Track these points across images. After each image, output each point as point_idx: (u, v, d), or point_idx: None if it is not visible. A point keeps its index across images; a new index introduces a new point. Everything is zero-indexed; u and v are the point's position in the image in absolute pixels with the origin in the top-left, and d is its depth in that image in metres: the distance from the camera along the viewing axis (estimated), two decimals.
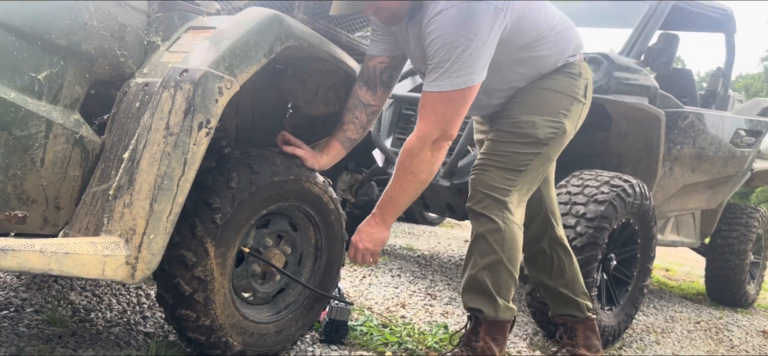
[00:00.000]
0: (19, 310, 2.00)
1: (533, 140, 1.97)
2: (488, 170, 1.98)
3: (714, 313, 4.28)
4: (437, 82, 1.74)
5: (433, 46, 1.73)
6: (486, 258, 1.97)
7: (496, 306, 1.99)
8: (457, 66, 1.70)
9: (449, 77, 1.72)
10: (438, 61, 1.72)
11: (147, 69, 1.66)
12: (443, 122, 1.77)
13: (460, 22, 1.68)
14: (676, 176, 3.71)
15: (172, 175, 1.51)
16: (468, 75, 1.72)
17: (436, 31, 1.71)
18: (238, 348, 1.82)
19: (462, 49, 1.69)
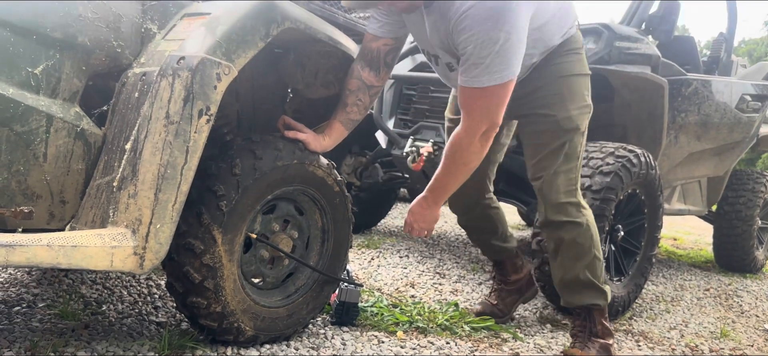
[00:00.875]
0: (31, 305, 2.02)
1: (575, 129, 2.05)
2: (554, 171, 2.05)
3: (723, 280, 4.27)
4: (478, 78, 1.74)
5: (469, 44, 1.71)
6: (583, 259, 2.10)
7: (605, 294, 2.15)
8: (498, 61, 1.70)
9: (490, 73, 1.72)
10: (476, 58, 1.71)
11: (144, 59, 1.66)
12: (489, 115, 1.81)
13: (496, 18, 1.66)
14: (681, 144, 3.69)
15: (175, 164, 1.51)
16: (508, 68, 1.73)
17: (470, 28, 1.69)
18: (251, 332, 1.83)
19: (501, 44, 1.68)
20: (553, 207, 2.08)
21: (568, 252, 2.10)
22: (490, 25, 1.66)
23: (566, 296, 2.19)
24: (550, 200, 2.08)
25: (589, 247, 2.09)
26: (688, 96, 3.57)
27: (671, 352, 2.51)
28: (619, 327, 2.75)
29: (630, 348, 2.49)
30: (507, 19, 1.67)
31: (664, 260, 4.82)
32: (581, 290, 2.14)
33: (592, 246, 2.09)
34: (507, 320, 2.57)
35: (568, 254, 2.11)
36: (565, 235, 2.09)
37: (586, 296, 2.14)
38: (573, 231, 2.08)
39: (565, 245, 2.10)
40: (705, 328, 2.97)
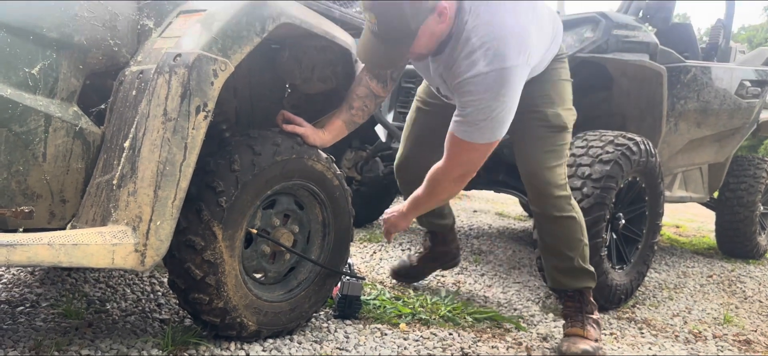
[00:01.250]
0: (34, 305, 2.03)
1: (563, 127, 2.16)
2: (548, 167, 2.14)
3: (726, 266, 4.27)
4: (471, 135, 1.87)
5: (470, 105, 1.83)
6: (576, 248, 2.23)
7: (594, 275, 2.30)
8: (490, 125, 1.84)
9: (480, 132, 1.86)
10: (472, 117, 1.84)
11: (141, 57, 1.66)
12: (468, 165, 1.97)
13: (497, 90, 1.78)
14: (681, 131, 3.68)
15: (174, 160, 1.52)
16: (498, 131, 1.87)
17: (472, 94, 1.81)
18: (254, 327, 1.84)
19: (498, 113, 1.82)
20: (549, 202, 2.18)
21: (564, 244, 2.23)
22: (491, 96, 1.79)
23: (562, 281, 2.30)
24: (546, 196, 2.17)
25: (581, 237, 2.23)
26: (687, 83, 3.57)
27: (674, 339, 2.52)
28: (622, 315, 2.76)
29: (633, 335, 2.50)
30: (507, 91, 1.80)
31: (666, 247, 4.82)
32: (575, 275, 2.27)
33: (582, 235, 2.23)
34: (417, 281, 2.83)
35: (563, 246, 2.23)
36: (560, 228, 2.21)
37: (580, 280, 2.28)
38: (567, 224, 2.20)
39: (560, 238, 2.23)
40: (708, 314, 2.97)
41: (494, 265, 3.45)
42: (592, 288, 2.30)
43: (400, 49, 1.80)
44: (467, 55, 1.79)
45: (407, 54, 1.83)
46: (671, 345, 2.41)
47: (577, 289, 2.29)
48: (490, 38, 1.76)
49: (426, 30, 1.77)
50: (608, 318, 2.68)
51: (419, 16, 1.73)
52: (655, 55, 3.33)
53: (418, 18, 1.73)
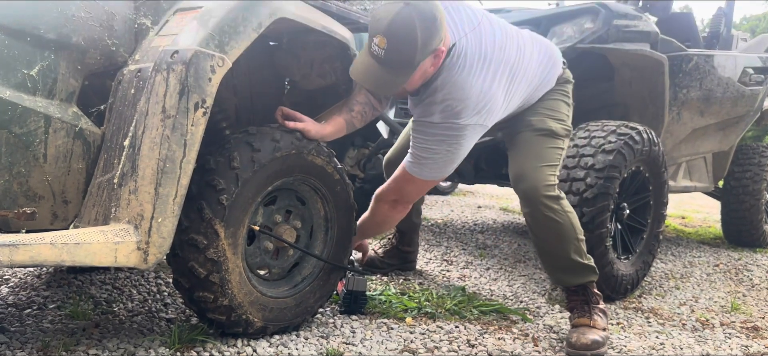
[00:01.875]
0: (41, 307, 2.04)
1: (548, 131, 2.22)
2: (537, 171, 2.17)
3: (732, 255, 4.25)
4: (413, 165, 2.07)
5: (420, 142, 2.01)
6: (569, 246, 2.22)
7: (594, 269, 2.29)
8: (433, 166, 2.04)
9: (420, 167, 2.06)
10: (416, 152, 2.03)
11: (139, 55, 1.67)
12: (405, 195, 2.21)
13: (444, 140, 1.97)
14: (684, 120, 3.66)
15: (174, 157, 1.52)
16: (439, 171, 2.07)
17: (425, 134, 1.99)
18: (259, 324, 1.84)
19: (441, 157, 2.01)
20: (536, 204, 2.18)
21: (557, 244, 2.22)
22: (438, 142, 1.97)
23: (561, 277, 2.30)
24: (532, 198, 2.18)
25: (573, 234, 2.21)
26: (689, 72, 3.55)
27: (682, 327, 2.50)
28: (629, 305, 2.74)
29: (640, 324, 2.48)
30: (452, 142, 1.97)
31: (672, 238, 4.80)
32: (575, 271, 2.26)
33: (574, 232, 2.21)
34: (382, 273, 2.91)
35: (555, 245, 2.23)
36: (551, 229, 2.19)
37: (580, 276, 2.27)
38: (557, 224, 2.18)
39: (552, 238, 2.22)
40: (715, 303, 2.95)
41: (499, 259, 3.45)
42: (594, 280, 2.29)
43: (398, 79, 1.84)
44: (429, 103, 1.95)
45: (404, 83, 1.87)
46: (678, 334, 2.40)
47: (579, 284, 2.28)
48: (451, 98, 1.91)
49: (422, 67, 1.85)
50: (615, 308, 2.67)
51: (425, 51, 1.80)
52: (656, 44, 3.31)
53: (424, 52, 1.80)
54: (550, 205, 2.16)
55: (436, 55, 1.85)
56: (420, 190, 2.15)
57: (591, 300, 2.27)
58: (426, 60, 1.83)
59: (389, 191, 2.20)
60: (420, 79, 1.91)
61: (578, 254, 2.23)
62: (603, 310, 2.26)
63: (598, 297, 2.30)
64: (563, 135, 2.25)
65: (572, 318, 2.26)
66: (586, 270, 2.26)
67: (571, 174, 2.64)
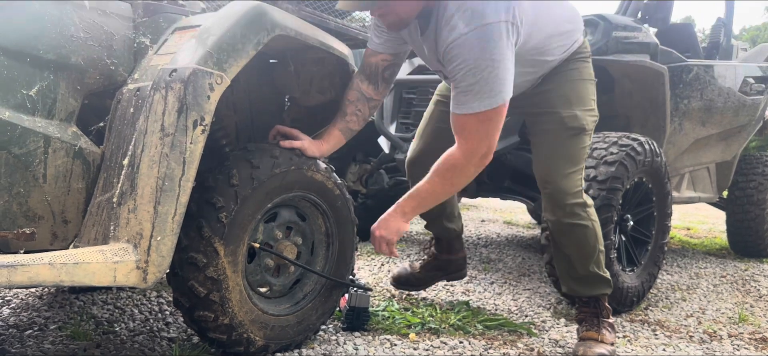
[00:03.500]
0: (43, 328, 2.03)
1: (581, 130, 2.07)
2: (565, 175, 2.07)
3: (739, 266, 4.21)
4: (471, 105, 1.78)
5: (459, 72, 1.77)
6: (591, 256, 2.16)
7: (610, 282, 2.24)
8: (488, 88, 1.75)
9: (481, 99, 1.77)
10: (467, 85, 1.77)
11: (137, 74, 1.67)
12: (486, 138, 1.83)
13: (481, 48, 1.72)
14: (686, 131, 3.66)
15: (173, 176, 1.51)
16: (499, 94, 1.77)
17: (458, 58, 1.75)
18: (261, 342, 1.82)
19: (489, 72, 1.73)
20: (562, 210, 2.11)
21: (578, 252, 2.16)
22: (476, 55, 1.72)
23: (576, 288, 2.24)
24: (559, 204, 2.11)
25: (595, 244, 2.15)
26: (689, 82, 3.55)
27: (689, 339, 2.48)
28: (635, 317, 2.72)
29: (647, 337, 2.46)
30: (492, 47, 1.72)
31: (677, 249, 4.77)
32: (591, 283, 2.22)
33: (597, 243, 2.16)
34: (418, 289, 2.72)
35: (577, 254, 2.17)
36: (574, 236, 2.14)
37: (595, 287, 2.22)
38: (581, 232, 2.12)
39: (574, 246, 2.16)
40: (723, 314, 2.92)
41: (504, 273, 3.42)
42: (607, 294, 2.25)
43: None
44: (447, 22, 1.76)
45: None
46: (686, 346, 2.37)
47: (593, 296, 2.23)
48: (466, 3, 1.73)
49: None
50: (621, 321, 2.64)
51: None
52: (656, 55, 3.32)
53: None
54: (577, 212, 2.10)
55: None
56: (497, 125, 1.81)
57: (601, 314, 2.23)
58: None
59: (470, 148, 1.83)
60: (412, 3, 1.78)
61: (597, 266, 2.18)
62: (611, 324, 2.23)
63: (608, 310, 2.26)
64: (592, 128, 2.13)
65: (580, 330, 2.24)
66: (601, 282, 2.22)
67: None
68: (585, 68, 2.12)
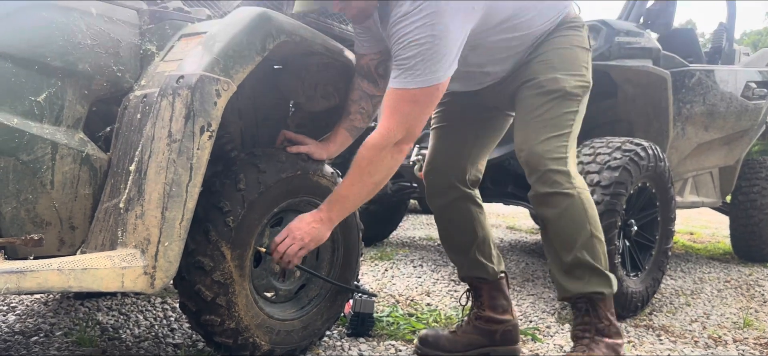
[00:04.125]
0: (48, 335, 2.04)
1: (561, 93, 1.83)
2: (542, 140, 1.81)
3: (743, 270, 4.21)
4: (401, 79, 1.67)
5: (398, 45, 1.66)
6: (578, 239, 1.80)
7: (609, 281, 1.84)
8: (423, 65, 1.63)
9: (414, 75, 1.64)
10: (402, 59, 1.65)
11: (144, 81, 1.68)
12: (408, 121, 1.70)
13: (422, 22, 1.61)
14: (689, 135, 3.67)
15: (180, 181, 1.52)
16: (433, 73, 1.65)
17: (400, 31, 1.65)
18: (266, 347, 1.82)
19: (427, 48, 1.62)
20: (538, 178, 1.82)
21: (561, 230, 1.82)
22: (417, 28, 1.62)
23: (564, 283, 1.86)
24: (535, 169, 1.82)
25: (584, 222, 1.80)
26: (691, 87, 3.56)
27: (694, 344, 2.47)
28: (640, 323, 2.72)
29: (651, 342, 2.46)
30: (436, 22, 1.61)
31: (681, 254, 4.77)
32: (581, 274, 1.82)
33: (587, 222, 1.80)
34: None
35: (560, 233, 1.82)
36: (554, 208, 1.81)
37: (586, 282, 1.82)
38: (562, 203, 1.79)
39: (555, 222, 1.82)
40: (727, 319, 2.92)
41: None
42: (605, 295, 1.82)
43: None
44: (396, 4, 1.66)
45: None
46: (691, 351, 2.37)
47: (584, 295, 1.82)
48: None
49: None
50: (625, 326, 2.64)
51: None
52: (659, 60, 3.33)
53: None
54: (557, 180, 1.79)
55: None
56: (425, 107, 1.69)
57: (598, 326, 1.82)
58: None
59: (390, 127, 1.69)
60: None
61: (588, 252, 1.80)
62: (613, 345, 1.82)
63: (610, 325, 1.83)
64: (580, 94, 1.87)
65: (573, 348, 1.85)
66: (596, 277, 1.81)
67: None
68: (575, 36, 1.91)
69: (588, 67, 1.92)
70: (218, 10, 2.01)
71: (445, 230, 2.18)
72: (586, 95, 1.91)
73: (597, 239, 1.82)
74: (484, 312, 2.12)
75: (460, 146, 2.07)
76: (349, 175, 1.75)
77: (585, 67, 1.91)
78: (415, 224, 5.38)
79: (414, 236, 4.79)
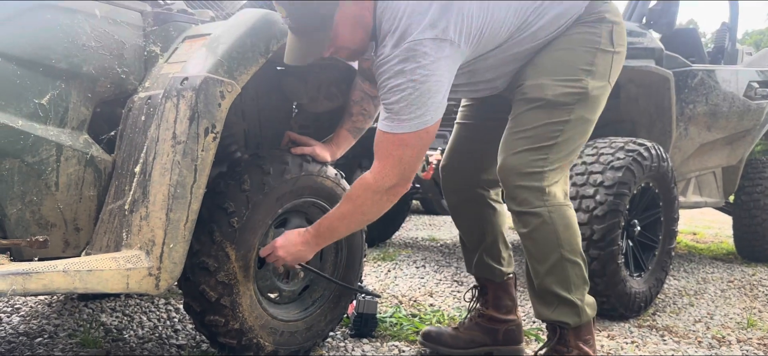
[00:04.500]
0: (52, 336, 2.04)
1: (541, 102, 1.73)
2: (515, 152, 1.75)
3: (746, 270, 4.20)
4: (388, 123, 1.62)
5: (382, 89, 1.63)
6: (545, 262, 1.75)
7: (577, 310, 1.76)
8: (408, 110, 1.59)
9: (400, 121, 1.60)
10: (389, 103, 1.61)
11: (148, 83, 1.69)
12: (401, 166, 1.65)
13: (402, 68, 1.57)
14: (692, 135, 3.66)
15: (185, 183, 1.53)
16: (420, 118, 1.60)
17: (383, 75, 1.61)
18: (270, 348, 1.83)
19: (409, 93, 1.57)
20: (507, 193, 1.74)
21: (530, 252, 1.76)
22: (398, 72, 1.57)
23: (535, 304, 1.83)
24: (505, 185, 1.75)
25: (553, 245, 1.72)
26: (694, 87, 3.56)
27: (698, 345, 2.47)
28: (643, 323, 2.71)
29: (655, 342, 2.45)
30: (416, 67, 1.56)
31: (684, 254, 4.76)
32: (549, 305, 1.77)
33: (557, 245, 1.72)
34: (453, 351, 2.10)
35: (530, 253, 1.76)
36: (524, 228, 1.74)
37: (554, 309, 1.77)
38: (530, 223, 1.72)
39: (525, 241, 1.75)
40: (731, 319, 2.91)
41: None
42: (569, 324, 1.75)
43: (316, 39, 1.62)
44: (381, 41, 1.62)
45: (326, 45, 1.64)
46: (695, 351, 2.37)
47: (549, 321, 1.78)
48: (392, 19, 1.58)
49: (344, 16, 1.61)
50: (628, 327, 2.64)
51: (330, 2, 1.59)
52: (661, 60, 3.33)
53: (329, 4, 1.59)
54: (528, 198, 1.70)
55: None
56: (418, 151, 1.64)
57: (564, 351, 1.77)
58: (344, 7, 1.60)
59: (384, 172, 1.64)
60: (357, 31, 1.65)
61: (556, 278, 1.74)
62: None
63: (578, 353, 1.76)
64: (569, 102, 1.72)
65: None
66: (561, 304, 1.75)
67: (581, 192, 2.63)
68: (585, 34, 1.75)
69: (591, 69, 1.75)
70: (222, 12, 2.02)
71: (457, 225, 2.19)
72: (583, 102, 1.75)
73: (569, 263, 1.74)
74: (487, 311, 2.12)
75: (479, 146, 2.04)
76: (341, 208, 1.72)
77: (585, 70, 1.75)
78: (418, 225, 5.38)
79: (417, 236, 4.79)
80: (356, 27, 1.64)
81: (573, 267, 1.74)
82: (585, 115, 1.77)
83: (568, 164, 1.81)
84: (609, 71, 1.80)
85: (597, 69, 1.76)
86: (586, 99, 1.75)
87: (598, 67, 1.76)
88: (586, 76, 1.74)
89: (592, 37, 1.75)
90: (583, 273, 1.78)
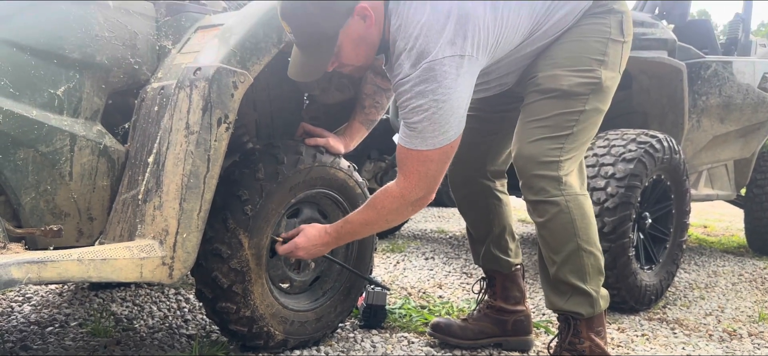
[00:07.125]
0: (63, 325, 2.06)
1: (557, 92, 1.73)
2: (532, 140, 1.74)
3: (758, 264, 4.18)
4: (411, 140, 1.62)
5: (403, 108, 1.62)
6: (562, 251, 1.74)
7: (591, 300, 1.76)
8: (431, 128, 1.59)
9: (423, 139, 1.60)
10: (411, 122, 1.61)
11: (161, 73, 1.69)
12: (427, 181, 1.66)
13: (425, 86, 1.56)
14: (704, 127, 3.63)
15: (198, 173, 1.53)
16: (443, 134, 1.60)
17: (403, 95, 1.61)
18: (280, 337, 1.84)
19: (433, 112, 1.57)
20: (524, 183, 1.75)
21: (547, 239, 1.76)
22: (420, 94, 1.57)
23: (548, 294, 1.83)
24: (522, 173, 1.75)
25: (570, 234, 1.72)
26: (707, 78, 3.53)
27: (709, 338, 2.46)
28: (654, 316, 2.71)
29: (666, 335, 2.45)
30: (437, 87, 1.56)
31: (695, 247, 4.74)
32: (564, 294, 1.77)
33: (574, 234, 1.72)
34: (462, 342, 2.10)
35: (546, 242, 1.77)
36: (540, 217, 1.74)
37: (567, 299, 1.77)
38: (548, 212, 1.72)
39: (541, 230, 1.76)
40: (742, 312, 2.90)
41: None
42: (583, 315, 1.76)
43: (320, 56, 1.63)
44: (396, 58, 1.62)
45: (328, 61, 1.65)
46: (705, 345, 2.36)
47: (564, 311, 1.78)
48: (409, 38, 1.58)
49: (349, 34, 1.61)
50: (639, 320, 2.63)
51: (335, 19, 1.58)
52: (674, 51, 3.30)
53: (334, 21, 1.58)
54: (545, 187, 1.70)
55: (361, 15, 1.60)
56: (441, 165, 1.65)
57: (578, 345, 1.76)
58: (349, 24, 1.60)
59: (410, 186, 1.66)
60: (361, 48, 1.65)
61: (572, 268, 1.74)
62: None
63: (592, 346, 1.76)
64: (584, 92, 1.73)
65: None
66: (576, 294, 1.75)
67: (592, 183, 2.62)
68: (594, 25, 1.77)
69: (604, 59, 1.76)
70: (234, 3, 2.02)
71: (464, 217, 2.20)
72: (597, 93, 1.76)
73: (585, 253, 1.74)
74: (495, 302, 2.13)
75: (485, 137, 2.04)
76: (365, 214, 1.74)
77: (598, 60, 1.75)
78: (427, 217, 5.38)
79: (425, 228, 4.79)
80: (360, 45, 1.64)
81: (589, 256, 1.75)
82: (598, 105, 1.79)
83: (580, 154, 1.82)
84: (619, 61, 1.82)
85: (609, 59, 1.77)
86: (600, 89, 1.76)
87: (610, 57, 1.77)
88: (599, 67, 1.75)
89: (603, 28, 1.76)
90: (599, 264, 1.78)
